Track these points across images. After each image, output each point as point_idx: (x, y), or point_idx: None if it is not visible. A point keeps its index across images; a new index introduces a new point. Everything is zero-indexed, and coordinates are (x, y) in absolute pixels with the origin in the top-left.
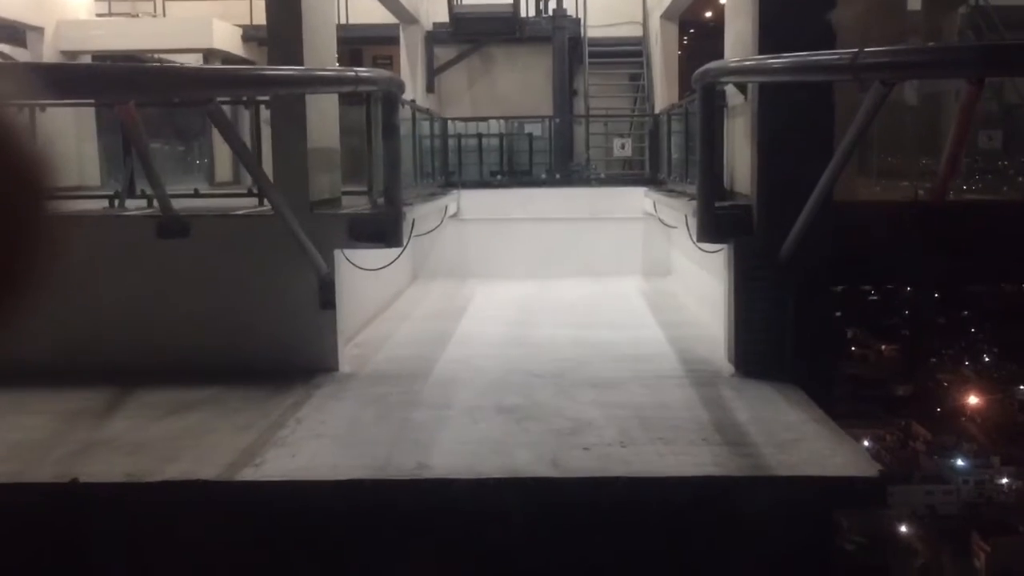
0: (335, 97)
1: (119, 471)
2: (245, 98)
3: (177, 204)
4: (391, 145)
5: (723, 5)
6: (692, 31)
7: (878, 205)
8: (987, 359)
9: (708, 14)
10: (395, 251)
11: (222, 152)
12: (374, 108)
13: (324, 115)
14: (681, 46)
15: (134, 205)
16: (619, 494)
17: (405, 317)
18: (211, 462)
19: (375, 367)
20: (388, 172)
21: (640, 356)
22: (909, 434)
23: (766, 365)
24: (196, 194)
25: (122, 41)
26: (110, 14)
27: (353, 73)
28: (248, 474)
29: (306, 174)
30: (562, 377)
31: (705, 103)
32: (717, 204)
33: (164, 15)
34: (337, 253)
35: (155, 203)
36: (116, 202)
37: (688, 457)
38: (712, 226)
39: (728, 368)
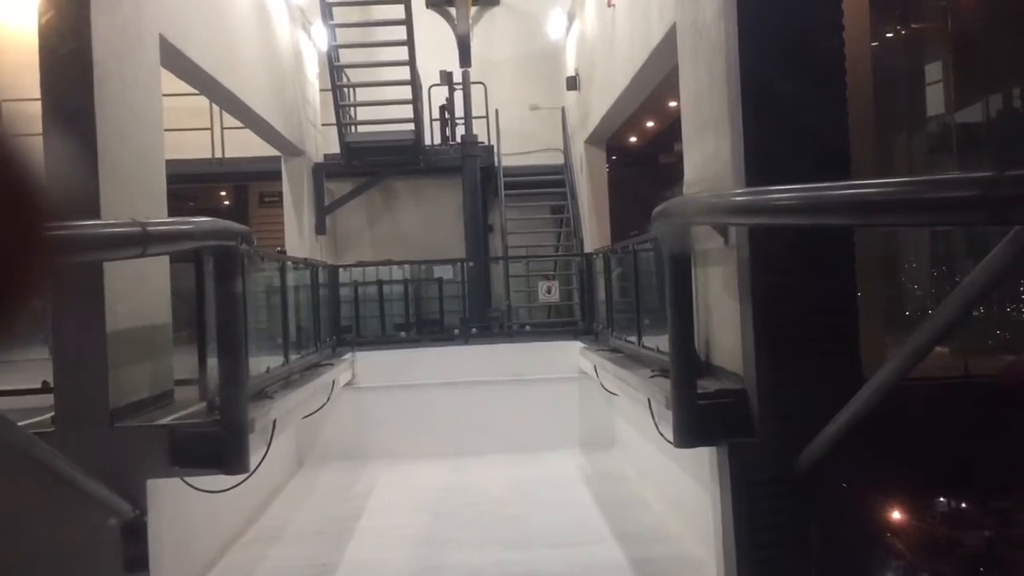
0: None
1: None
2: None
3: None
4: (228, 323)
5: (650, 128)
6: (614, 158)
7: (943, 384)
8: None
9: (633, 139)
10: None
11: None
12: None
13: (141, 279)
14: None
15: None
16: None
17: (275, 536)
18: None
19: None
20: (225, 367)
21: None
22: None
23: None
24: None
25: None
26: None
27: (139, 229)
28: None
29: (105, 369)
30: None
31: (676, 256)
32: (698, 390)
33: None
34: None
35: None
36: None
37: None
38: (696, 426)
39: None
